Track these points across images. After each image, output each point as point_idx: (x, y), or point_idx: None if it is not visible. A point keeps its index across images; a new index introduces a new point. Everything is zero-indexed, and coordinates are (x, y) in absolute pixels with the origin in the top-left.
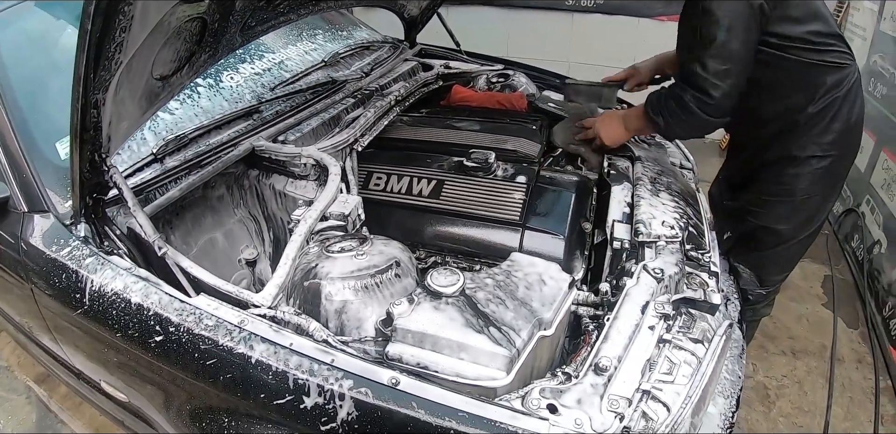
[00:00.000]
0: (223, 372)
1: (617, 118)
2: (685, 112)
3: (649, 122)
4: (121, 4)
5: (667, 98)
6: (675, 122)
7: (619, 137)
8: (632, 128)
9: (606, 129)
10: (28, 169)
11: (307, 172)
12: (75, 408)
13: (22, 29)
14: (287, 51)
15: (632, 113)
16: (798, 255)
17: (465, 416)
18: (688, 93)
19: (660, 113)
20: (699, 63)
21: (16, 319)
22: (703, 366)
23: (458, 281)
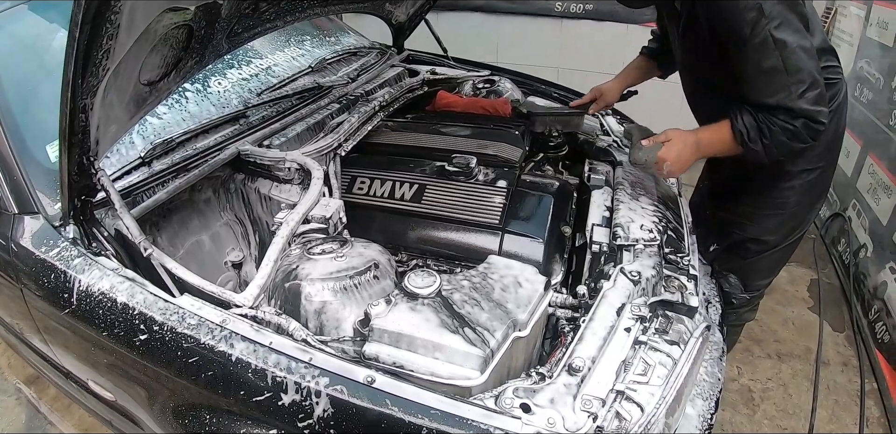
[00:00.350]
0: (205, 369)
1: (680, 142)
2: (797, 140)
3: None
4: (108, 13)
5: (771, 124)
6: (782, 151)
7: (688, 161)
8: (707, 151)
9: (679, 168)
10: (18, 171)
11: (291, 176)
12: (65, 409)
13: (14, 32)
14: (275, 56)
15: (707, 136)
16: (783, 260)
17: (437, 414)
18: (798, 120)
19: (761, 142)
20: (796, 96)
21: (7, 320)
22: (679, 367)
23: (435, 282)
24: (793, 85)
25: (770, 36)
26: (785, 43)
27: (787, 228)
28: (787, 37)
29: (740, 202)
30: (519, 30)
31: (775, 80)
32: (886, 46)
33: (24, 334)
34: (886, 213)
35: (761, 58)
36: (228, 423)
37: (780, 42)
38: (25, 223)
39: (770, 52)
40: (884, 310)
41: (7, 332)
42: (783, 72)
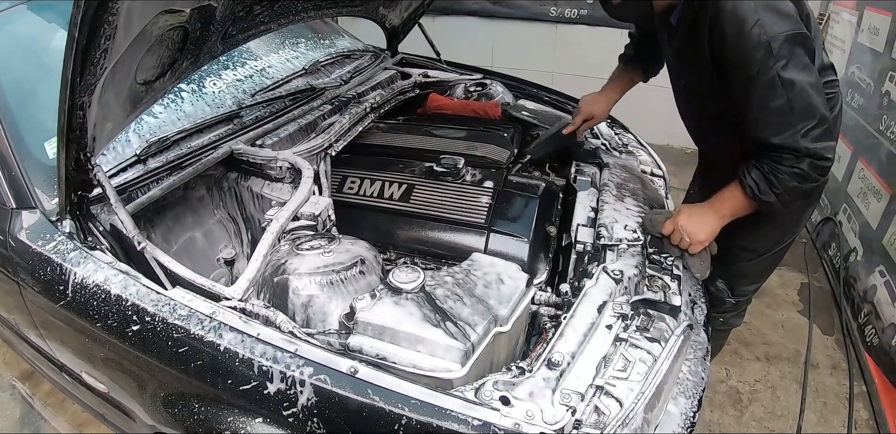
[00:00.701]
0: (194, 359)
1: (699, 214)
2: (807, 181)
3: (754, 204)
4: (105, 14)
5: (778, 172)
6: (794, 195)
7: (713, 230)
8: (726, 215)
9: (694, 226)
10: (17, 167)
11: (283, 175)
12: (58, 404)
13: (13, 32)
14: (269, 58)
15: (722, 202)
16: (771, 267)
17: (417, 404)
18: (804, 162)
19: (773, 192)
20: (800, 134)
21: (3, 316)
22: (658, 364)
23: (419, 278)
24: (798, 124)
25: (778, 76)
26: (793, 83)
27: (776, 236)
28: (794, 76)
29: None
30: (514, 34)
31: (781, 119)
32: (877, 52)
33: (21, 329)
34: (876, 218)
35: (768, 97)
36: (216, 412)
37: (788, 82)
38: (23, 218)
39: (778, 92)
40: (873, 313)
41: (3, 328)
42: (789, 112)
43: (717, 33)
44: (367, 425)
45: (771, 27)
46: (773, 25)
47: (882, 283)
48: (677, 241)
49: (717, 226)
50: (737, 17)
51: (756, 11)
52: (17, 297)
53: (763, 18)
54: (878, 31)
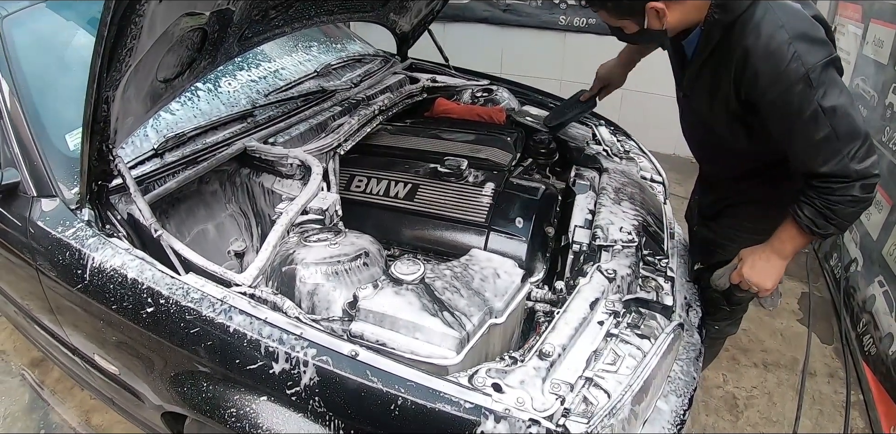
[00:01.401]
0: (204, 339)
1: (763, 259)
2: (861, 204)
3: (814, 238)
4: (133, 15)
5: (832, 204)
6: (850, 219)
7: (780, 272)
8: (789, 254)
9: (764, 277)
10: (39, 157)
11: (293, 172)
12: (67, 391)
13: (34, 29)
14: (283, 60)
15: (782, 242)
16: None
17: (413, 386)
18: (856, 187)
19: (830, 223)
20: (848, 157)
21: (18, 301)
22: (647, 359)
23: (419, 270)
24: (845, 149)
25: (819, 107)
26: (834, 109)
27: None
28: (835, 102)
29: (722, 224)
30: (523, 42)
31: (828, 148)
32: (881, 64)
33: (35, 314)
34: (877, 229)
35: (813, 130)
36: (223, 390)
37: (830, 110)
38: (43, 205)
39: (821, 122)
40: (871, 323)
41: (17, 314)
42: (835, 139)
43: (748, 72)
44: (366, 405)
45: (808, 58)
46: (809, 55)
47: (881, 293)
48: (746, 288)
49: (782, 266)
50: (771, 55)
51: (791, 44)
52: (35, 282)
53: (799, 51)
54: (883, 44)
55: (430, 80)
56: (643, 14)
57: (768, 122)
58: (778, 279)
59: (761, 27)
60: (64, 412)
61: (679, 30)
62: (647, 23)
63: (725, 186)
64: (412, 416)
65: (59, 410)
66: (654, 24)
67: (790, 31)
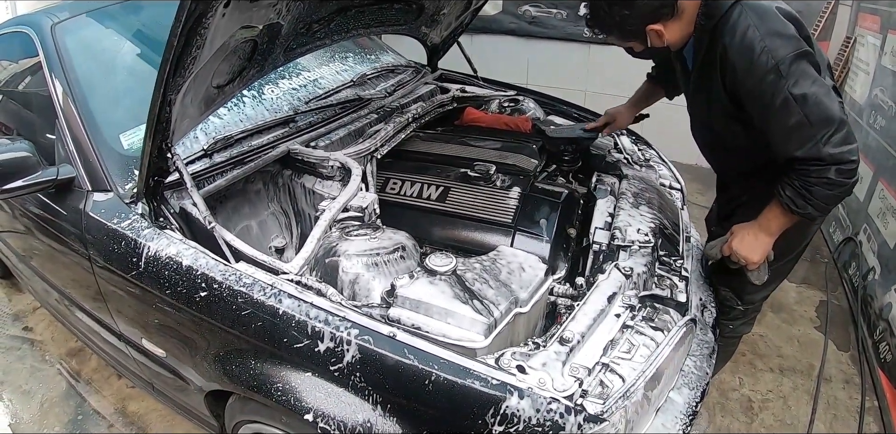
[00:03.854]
0: (255, 320)
1: (751, 234)
2: (837, 187)
3: (796, 217)
4: (199, 27)
5: (809, 186)
6: (830, 201)
7: (766, 248)
8: (775, 231)
9: (750, 250)
10: (94, 154)
11: (333, 174)
12: (104, 380)
13: (82, 36)
14: (321, 70)
15: (768, 220)
16: (778, 278)
17: (446, 364)
18: (831, 170)
19: (808, 204)
20: (822, 143)
21: (62, 289)
22: (660, 349)
23: (451, 262)
24: (818, 133)
25: (790, 94)
26: (805, 96)
27: (780, 248)
28: (806, 90)
29: (734, 222)
30: (548, 53)
31: (802, 133)
32: None
33: (80, 301)
34: (894, 237)
35: (785, 116)
36: (270, 367)
37: (801, 97)
38: (99, 198)
39: (793, 109)
40: (888, 330)
41: (58, 302)
42: (808, 125)
43: (728, 67)
44: (402, 380)
45: (777, 51)
46: (778, 49)
47: None
48: (736, 261)
49: (768, 242)
50: (744, 49)
51: (762, 39)
52: (85, 270)
53: (769, 45)
54: None
55: (460, 90)
56: (645, 36)
57: (750, 114)
58: (764, 254)
59: (737, 26)
60: (100, 400)
61: (681, 44)
62: (650, 42)
63: (736, 186)
64: (444, 391)
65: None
66: (657, 43)
67: (761, 28)
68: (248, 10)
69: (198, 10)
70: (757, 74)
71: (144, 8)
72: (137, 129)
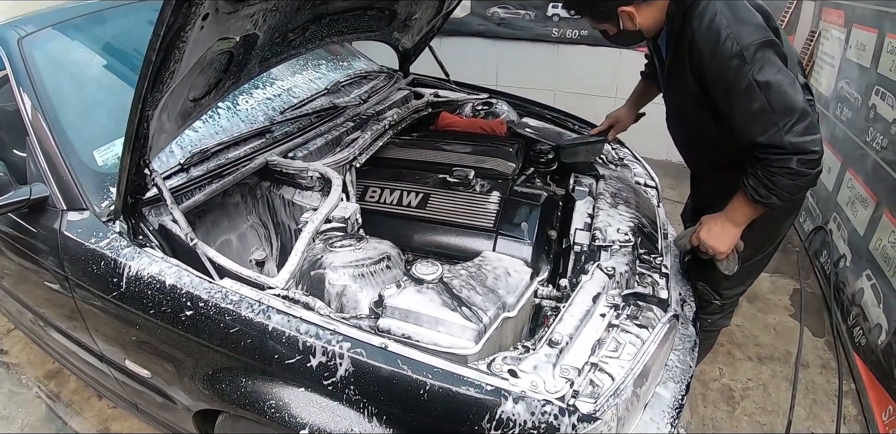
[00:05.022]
0: (244, 338)
1: (718, 224)
2: (799, 177)
3: (760, 207)
4: (178, 42)
5: (771, 175)
6: (792, 191)
7: (734, 238)
8: (741, 222)
9: (717, 240)
10: (68, 172)
11: (313, 184)
12: (84, 402)
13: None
14: (295, 79)
15: (734, 210)
16: (754, 273)
17: (440, 373)
18: (793, 160)
19: (772, 193)
20: (784, 131)
21: (39, 310)
22: (646, 346)
23: (438, 270)
24: (780, 121)
25: (754, 80)
26: (768, 84)
27: (756, 242)
28: (769, 77)
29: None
30: (518, 54)
31: (765, 120)
32: (864, 67)
33: (57, 323)
34: (863, 225)
35: (748, 102)
36: (262, 385)
37: (764, 84)
38: (74, 218)
39: (756, 95)
40: (861, 315)
41: (33, 323)
42: (770, 111)
43: (695, 52)
44: (397, 391)
45: (742, 38)
46: (743, 36)
47: (869, 287)
48: (705, 251)
49: (736, 232)
50: (710, 34)
51: (728, 26)
52: (63, 291)
53: (734, 31)
54: (865, 48)
55: (434, 94)
56: (618, 18)
57: (716, 100)
58: (731, 244)
59: (705, 12)
60: (81, 422)
61: (654, 30)
62: (622, 25)
63: (710, 181)
64: (440, 400)
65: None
66: (629, 26)
67: (728, 16)
68: (226, 22)
69: (177, 23)
70: (721, 59)
71: (108, 20)
72: (112, 145)
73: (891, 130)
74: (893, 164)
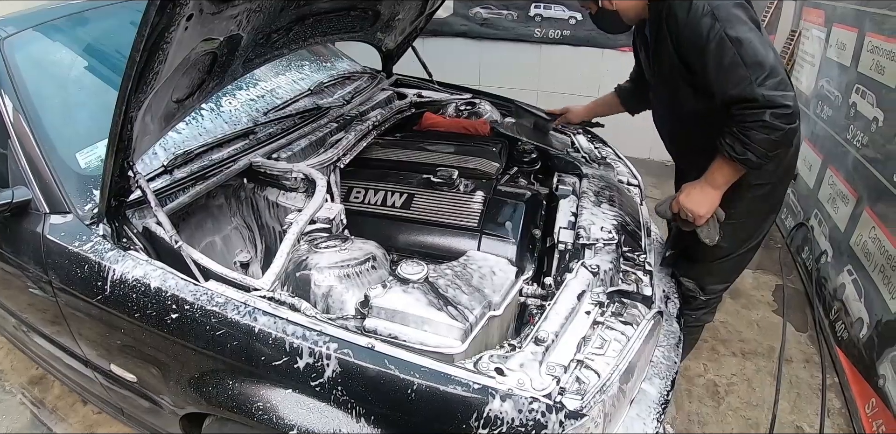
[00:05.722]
0: (230, 340)
1: (697, 188)
2: (773, 131)
3: (737, 165)
4: (162, 42)
5: (746, 130)
6: (768, 147)
7: (714, 201)
8: (720, 184)
9: (696, 204)
10: (51, 175)
11: (297, 185)
12: (69, 408)
13: (32, 51)
14: (278, 80)
15: (712, 172)
16: (738, 268)
17: (427, 372)
18: (766, 113)
19: (747, 149)
20: (756, 84)
21: (21, 315)
22: (631, 342)
23: (423, 270)
24: (752, 75)
25: (725, 35)
26: (739, 40)
27: (738, 238)
28: (741, 34)
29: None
30: (500, 54)
31: (736, 73)
32: (844, 66)
33: (41, 328)
34: (844, 221)
35: (720, 56)
36: (249, 387)
37: (735, 39)
38: (57, 221)
39: (727, 50)
40: (843, 309)
41: (16, 329)
42: (742, 65)
43: (671, 19)
44: (385, 391)
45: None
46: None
47: (850, 282)
48: (685, 217)
49: (715, 196)
50: (684, 2)
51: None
52: (46, 296)
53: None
54: (845, 47)
55: (417, 95)
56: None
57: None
58: (710, 207)
59: None
60: (66, 428)
61: (634, 16)
62: (600, 2)
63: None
64: (427, 399)
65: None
66: (606, 4)
67: None
68: (210, 23)
69: (161, 23)
70: (694, 19)
71: (90, 21)
72: (94, 147)
73: (871, 128)
74: (874, 161)
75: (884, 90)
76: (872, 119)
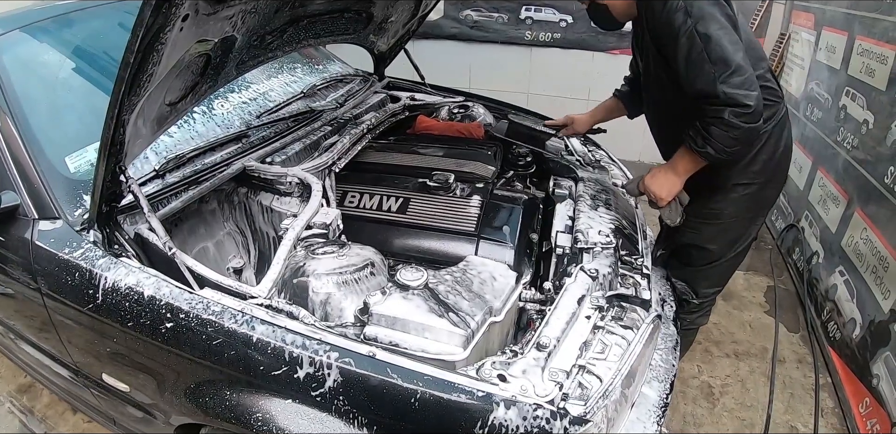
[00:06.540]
0: (228, 349)
1: (662, 172)
2: (732, 129)
3: (698, 157)
4: (157, 43)
5: (706, 126)
6: (726, 143)
7: (675, 186)
8: (682, 171)
9: (658, 186)
10: (40, 180)
11: (292, 190)
12: (58, 416)
13: (19, 53)
14: (270, 82)
15: (676, 159)
16: (729, 271)
17: (430, 380)
18: (725, 111)
19: (707, 143)
20: (719, 80)
21: (9, 323)
22: (632, 347)
23: (423, 276)
24: (716, 71)
25: (695, 31)
26: (708, 36)
27: (727, 239)
28: (710, 31)
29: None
30: (491, 57)
31: (702, 69)
32: (834, 69)
33: (30, 336)
34: (835, 222)
35: (689, 49)
36: (247, 397)
37: (704, 36)
38: (46, 227)
39: (695, 45)
40: (835, 310)
41: (4, 337)
42: (707, 61)
43: (649, 15)
44: (388, 400)
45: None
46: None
47: (842, 282)
48: (650, 198)
49: (676, 181)
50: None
51: None
52: (36, 304)
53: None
54: (835, 50)
55: (410, 98)
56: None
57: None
58: (671, 192)
59: None
60: None
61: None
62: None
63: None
64: (431, 408)
65: None
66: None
67: None
68: (205, 24)
69: (156, 24)
70: (667, 12)
71: (78, 22)
72: (84, 151)
73: (861, 130)
74: (864, 163)
75: (874, 93)
76: (862, 121)
